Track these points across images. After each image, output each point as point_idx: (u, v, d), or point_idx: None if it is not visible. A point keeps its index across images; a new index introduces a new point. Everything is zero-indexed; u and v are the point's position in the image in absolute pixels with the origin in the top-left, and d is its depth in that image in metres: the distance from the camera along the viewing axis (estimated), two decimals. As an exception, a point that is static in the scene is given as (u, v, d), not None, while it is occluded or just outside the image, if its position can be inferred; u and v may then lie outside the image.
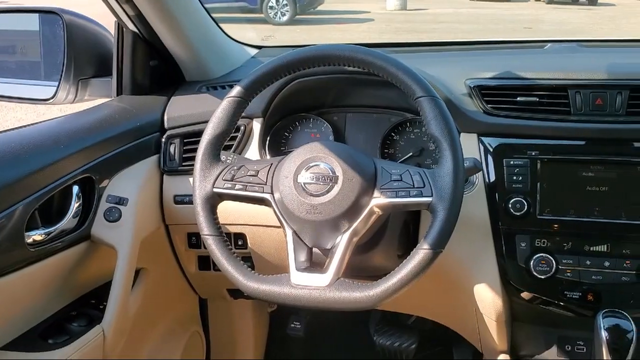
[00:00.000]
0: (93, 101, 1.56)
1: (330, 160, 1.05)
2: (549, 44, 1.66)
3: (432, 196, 1.00)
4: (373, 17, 13.43)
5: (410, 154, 1.40)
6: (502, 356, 1.41)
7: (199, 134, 1.15)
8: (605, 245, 1.22)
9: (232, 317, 1.96)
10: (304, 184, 1.04)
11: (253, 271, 1.06)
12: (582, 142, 1.25)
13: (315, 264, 1.06)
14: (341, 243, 1.03)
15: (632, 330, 1.13)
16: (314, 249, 1.07)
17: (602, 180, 1.23)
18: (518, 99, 1.28)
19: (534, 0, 19.95)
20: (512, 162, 1.26)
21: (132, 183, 1.36)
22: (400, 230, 1.31)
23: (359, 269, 1.31)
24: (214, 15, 1.63)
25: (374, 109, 1.45)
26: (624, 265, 1.21)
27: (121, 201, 1.31)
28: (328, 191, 1.03)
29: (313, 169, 1.05)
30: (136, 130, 1.41)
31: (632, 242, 1.22)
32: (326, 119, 1.46)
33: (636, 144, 1.24)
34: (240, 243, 1.48)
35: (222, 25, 1.69)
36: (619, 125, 1.23)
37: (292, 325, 2.07)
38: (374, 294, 0.98)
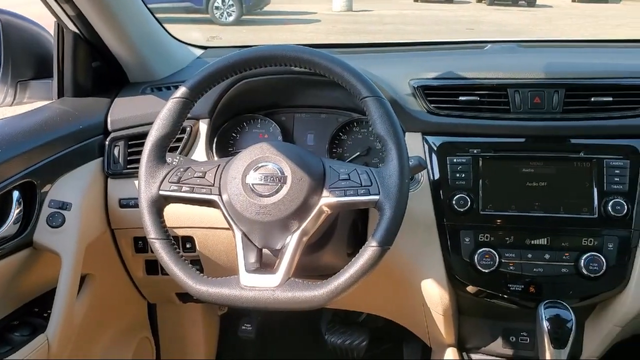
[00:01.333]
0: (33, 104, 1.51)
1: (279, 160, 1.06)
2: (489, 45, 1.71)
3: (379, 194, 1.01)
4: (320, 18, 13.48)
5: (358, 153, 1.42)
6: (449, 350, 1.44)
7: (144, 136, 1.13)
8: (546, 239, 1.27)
9: (181, 321, 1.94)
10: (253, 184, 1.04)
11: (202, 274, 1.05)
12: (522, 140, 1.30)
13: (265, 265, 1.06)
14: (291, 243, 1.03)
15: (572, 319, 1.18)
16: (264, 250, 1.07)
17: (541, 175, 1.28)
18: (460, 98, 1.31)
19: (476, 1, 20.46)
20: (455, 160, 1.29)
21: (76, 187, 1.32)
22: (349, 228, 1.33)
23: (310, 268, 1.32)
24: (158, 15, 1.60)
25: (321, 109, 1.46)
26: (563, 257, 1.26)
27: (64, 206, 1.28)
28: (277, 191, 1.03)
29: (261, 169, 1.05)
30: (78, 133, 1.37)
31: (570, 235, 1.26)
32: (274, 120, 1.46)
33: (573, 140, 1.29)
34: (188, 246, 1.47)
35: (166, 25, 1.66)
36: (556, 122, 1.28)
37: (243, 327, 2.06)
38: (323, 292, 0.99)
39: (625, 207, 1.22)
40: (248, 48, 1.12)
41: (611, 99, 1.27)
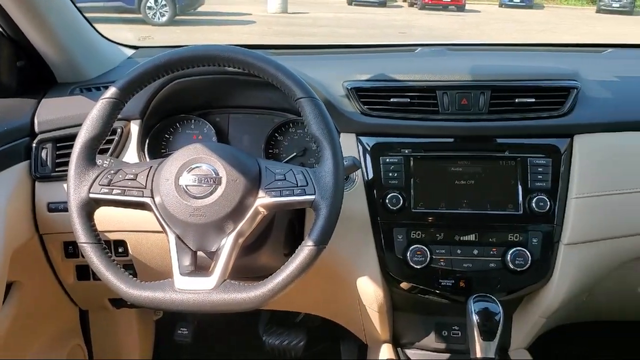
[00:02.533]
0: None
1: (213, 161, 1.05)
2: (420, 48, 1.76)
3: (315, 194, 1.02)
4: (255, 19, 13.44)
5: (294, 154, 1.43)
6: (385, 346, 1.47)
7: (73, 137, 1.09)
8: (474, 235, 1.31)
9: (115, 328, 1.89)
10: (186, 186, 1.03)
11: (135, 278, 1.03)
12: (451, 140, 1.34)
13: (200, 268, 1.05)
14: (226, 245, 1.03)
15: (499, 312, 1.22)
16: (199, 253, 1.06)
17: (469, 174, 1.32)
18: (391, 100, 1.34)
19: (408, 6, 20.91)
20: (387, 160, 1.32)
21: (1, 192, 1.27)
22: (286, 229, 1.33)
23: (246, 270, 1.31)
24: (87, 15, 1.55)
25: (257, 109, 1.46)
26: (491, 252, 1.31)
27: None
28: (211, 193, 1.02)
29: (195, 170, 1.04)
30: (3, 136, 1.31)
31: (496, 230, 1.31)
32: (208, 120, 1.45)
33: (498, 140, 1.34)
34: (120, 250, 1.43)
35: (96, 25, 1.62)
36: (482, 123, 1.33)
37: (179, 331, 2.03)
38: (260, 293, 0.99)
39: (548, 203, 1.28)
40: (181, 47, 1.10)
41: (534, 100, 1.33)
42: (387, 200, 1.30)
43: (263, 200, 1.03)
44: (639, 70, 1.59)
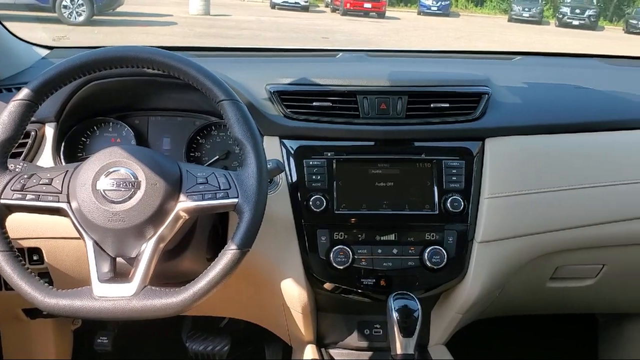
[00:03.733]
0: None
1: (132, 165, 1.03)
2: (341, 53, 1.80)
3: (237, 197, 1.02)
4: (176, 20, 13.19)
5: (217, 157, 1.42)
6: (309, 347, 1.48)
7: None
8: (393, 235, 1.35)
9: (30, 339, 1.80)
10: (104, 190, 1.00)
11: (51, 287, 0.99)
12: (371, 143, 1.38)
13: (119, 274, 1.02)
14: (146, 250, 1.01)
15: (418, 309, 1.26)
16: (118, 259, 1.04)
17: (389, 176, 1.36)
18: (314, 103, 1.37)
19: (330, 11, 21.17)
20: (311, 163, 1.34)
21: None
22: (209, 233, 1.32)
23: (168, 275, 1.29)
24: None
25: (177, 112, 1.44)
26: (409, 251, 1.35)
27: None
28: (130, 197, 1.00)
29: (113, 174, 1.02)
30: None
31: (415, 230, 1.36)
32: (127, 123, 1.42)
33: (416, 143, 1.39)
34: (35, 258, 1.37)
35: (6, 23, 1.55)
36: (400, 127, 1.38)
37: (99, 340, 1.96)
38: (182, 298, 0.98)
39: (462, 203, 1.34)
40: (99, 48, 1.08)
41: (448, 105, 1.39)
42: (310, 203, 1.32)
43: (184, 204, 1.02)
44: (545, 76, 1.69)
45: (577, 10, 22.02)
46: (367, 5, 19.88)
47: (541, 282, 1.53)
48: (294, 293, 1.37)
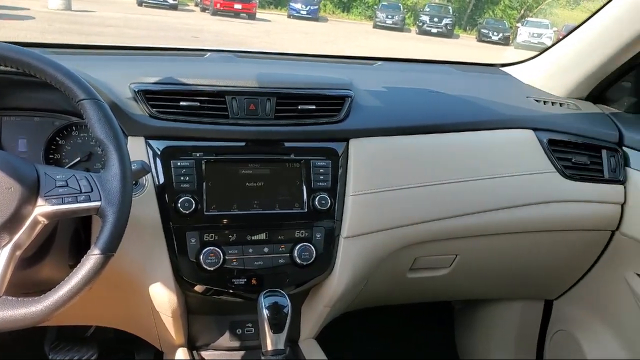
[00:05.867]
0: None
1: None
2: (209, 53, 1.79)
3: (100, 200, 0.99)
4: (33, 15, 12.32)
5: (78, 159, 1.36)
6: (180, 350, 1.46)
7: None
8: (264, 234, 1.37)
9: None
10: None
11: None
12: (241, 143, 1.39)
13: None
14: (0, 259, 0.95)
15: (287, 305, 1.30)
16: None
17: (259, 176, 1.38)
18: (181, 103, 1.35)
19: (200, 11, 20.83)
20: (179, 164, 1.32)
21: None
22: (71, 238, 1.26)
23: (27, 284, 1.22)
24: None
25: (35, 112, 1.35)
26: (280, 249, 1.38)
27: None
28: None
29: None
30: None
31: (285, 228, 1.39)
32: None
33: (285, 144, 1.42)
34: None
35: None
36: (269, 127, 1.40)
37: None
38: (42, 308, 0.93)
39: (329, 201, 1.39)
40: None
41: (315, 107, 1.44)
42: (179, 204, 1.30)
43: (43, 208, 0.97)
44: (403, 81, 1.79)
45: (436, 19, 23.61)
46: (238, 6, 19.83)
47: (402, 273, 1.63)
48: (163, 297, 1.35)
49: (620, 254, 1.71)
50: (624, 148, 1.66)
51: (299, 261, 1.37)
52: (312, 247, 1.38)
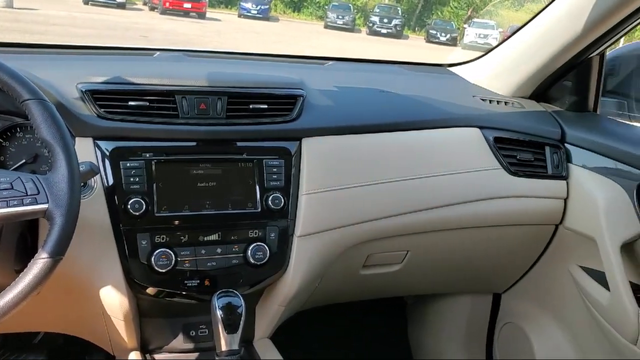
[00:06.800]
0: None
1: None
2: (158, 52, 1.77)
3: (47, 203, 0.97)
4: (-29, 12, 11.86)
5: (24, 160, 1.32)
6: (132, 353, 1.44)
7: None
8: (217, 234, 1.37)
9: None
10: None
11: None
12: (192, 143, 1.37)
13: None
14: None
15: (241, 305, 1.30)
16: None
17: (211, 176, 1.37)
18: (130, 103, 1.33)
19: (148, 10, 20.50)
20: (128, 165, 1.30)
21: None
22: (17, 242, 1.23)
23: None
24: None
25: None
26: (233, 249, 1.38)
27: None
28: None
29: None
30: None
31: (238, 228, 1.39)
32: None
33: (237, 143, 1.41)
34: None
35: None
36: (221, 127, 1.39)
37: None
38: None
39: (282, 200, 1.40)
40: None
41: (266, 106, 1.44)
42: (129, 206, 1.28)
43: None
44: (354, 81, 1.82)
45: (385, 20, 23.91)
46: (187, 5, 19.57)
47: (355, 271, 1.65)
48: (114, 300, 1.33)
49: (564, 247, 1.77)
50: (566, 145, 1.72)
51: (252, 261, 1.37)
52: (265, 246, 1.39)
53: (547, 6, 1.71)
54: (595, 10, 1.56)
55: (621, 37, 1.71)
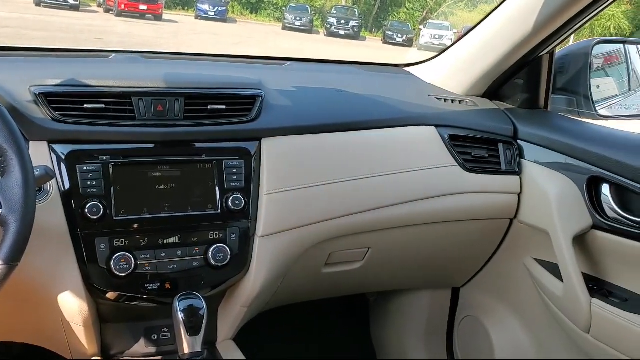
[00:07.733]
0: None
1: None
2: (114, 55, 1.74)
3: (1, 208, 0.95)
4: None
5: None
6: None
7: None
8: (177, 237, 1.36)
9: None
10: None
11: None
12: (150, 145, 1.36)
13: None
14: None
15: (203, 307, 1.29)
16: None
17: (169, 178, 1.36)
18: (85, 106, 1.31)
19: (103, 11, 20.11)
20: (85, 168, 1.29)
21: None
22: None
23: None
24: None
25: None
26: (194, 252, 1.37)
27: None
28: None
29: None
30: None
31: (199, 230, 1.38)
32: None
33: (196, 145, 1.41)
34: None
35: None
36: (179, 129, 1.39)
37: None
38: None
39: (243, 201, 1.40)
40: None
41: (225, 107, 1.44)
42: (86, 210, 1.27)
43: None
44: (312, 81, 1.83)
45: (343, 21, 24.05)
46: (143, 7, 19.28)
47: (317, 269, 1.67)
48: (73, 306, 1.30)
49: (519, 241, 1.82)
50: (519, 141, 1.77)
51: (213, 263, 1.37)
52: (227, 247, 1.38)
53: (498, 6, 1.76)
54: (545, 9, 1.61)
55: (570, 35, 1.77)
